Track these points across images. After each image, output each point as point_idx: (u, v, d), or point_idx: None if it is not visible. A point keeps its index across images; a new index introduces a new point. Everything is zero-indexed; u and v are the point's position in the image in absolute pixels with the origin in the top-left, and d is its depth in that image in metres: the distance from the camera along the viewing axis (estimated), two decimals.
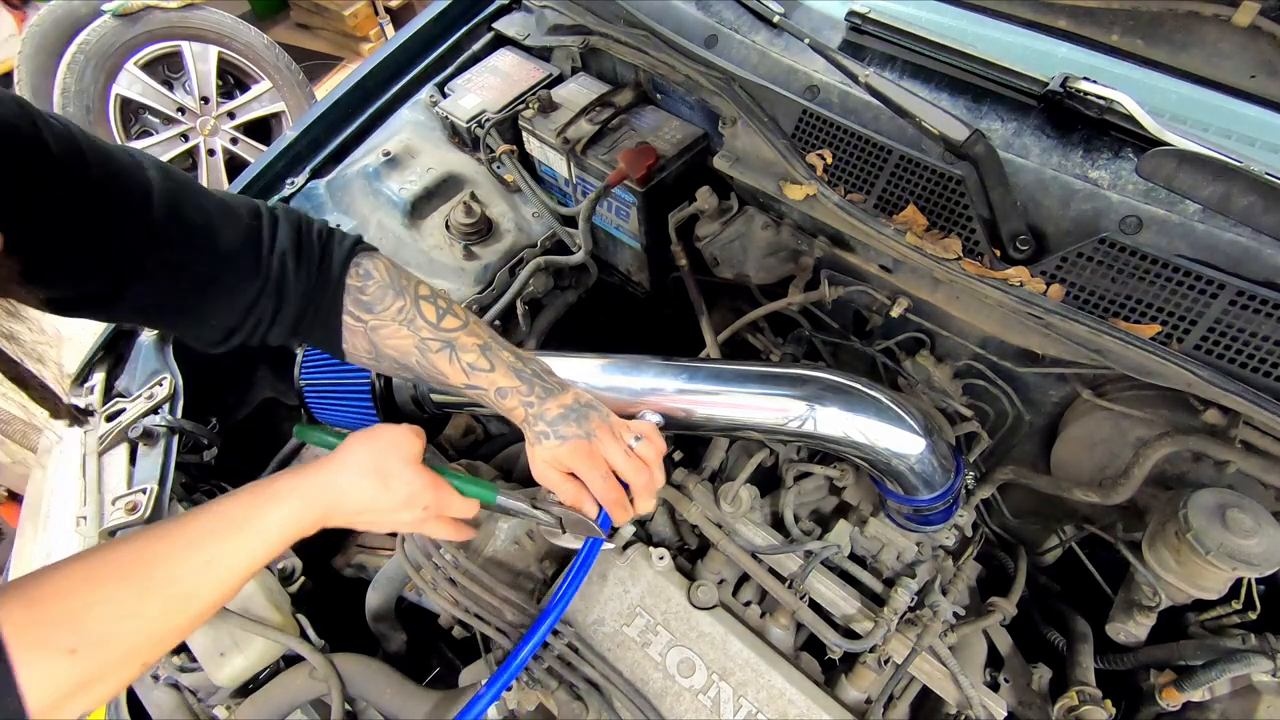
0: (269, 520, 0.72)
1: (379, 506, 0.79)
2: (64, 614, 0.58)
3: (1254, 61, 0.90)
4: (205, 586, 0.66)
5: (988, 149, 0.92)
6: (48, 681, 0.55)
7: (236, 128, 3.44)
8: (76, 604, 0.59)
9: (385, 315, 0.86)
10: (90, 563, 0.62)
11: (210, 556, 0.67)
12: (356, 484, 0.78)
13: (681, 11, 1.26)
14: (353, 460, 0.79)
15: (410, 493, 0.80)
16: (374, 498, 0.79)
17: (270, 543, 0.71)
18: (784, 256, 1.29)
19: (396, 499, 0.80)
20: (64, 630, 0.57)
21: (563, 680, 0.97)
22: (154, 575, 0.64)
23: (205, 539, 0.68)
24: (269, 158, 1.53)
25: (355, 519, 0.80)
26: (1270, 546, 0.90)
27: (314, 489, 0.76)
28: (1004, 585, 1.15)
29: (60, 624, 0.57)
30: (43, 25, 3.04)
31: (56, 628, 0.57)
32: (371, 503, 0.79)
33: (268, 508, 0.72)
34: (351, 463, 0.79)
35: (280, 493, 0.74)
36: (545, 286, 1.45)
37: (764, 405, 0.94)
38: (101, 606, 0.60)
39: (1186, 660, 1.05)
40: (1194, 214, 0.89)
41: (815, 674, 1.01)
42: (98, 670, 0.59)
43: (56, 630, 0.57)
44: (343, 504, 0.77)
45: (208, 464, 1.35)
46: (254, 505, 0.72)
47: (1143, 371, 0.90)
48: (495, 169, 1.53)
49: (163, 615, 0.64)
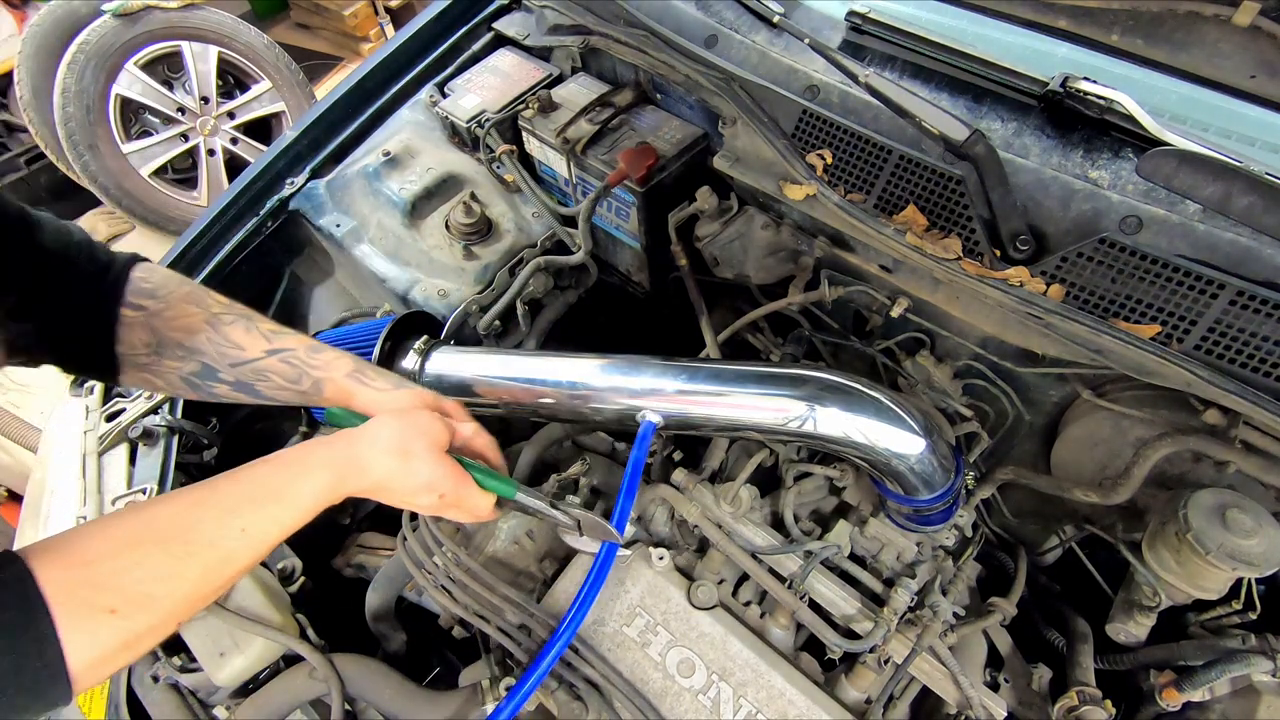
0: (302, 491, 0.73)
1: (398, 486, 0.80)
2: (106, 575, 0.60)
3: (1254, 61, 0.90)
4: (241, 551, 0.68)
5: (988, 149, 0.92)
6: (90, 641, 0.57)
7: (236, 128, 3.44)
8: (119, 566, 0.61)
9: (171, 298, 0.85)
10: (131, 525, 0.64)
11: (247, 523, 0.68)
12: (381, 460, 0.78)
13: (681, 11, 1.26)
14: (381, 435, 0.80)
15: (430, 478, 0.80)
16: (394, 476, 0.79)
17: (302, 512, 0.73)
18: (784, 256, 1.29)
19: (416, 481, 0.80)
20: (107, 592, 0.59)
21: (563, 680, 0.96)
22: (193, 540, 0.65)
23: (242, 506, 0.69)
24: (269, 158, 1.53)
25: (374, 492, 0.80)
26: (1270, 546, 0.90)
27: (342, 461, 0.77)
28: (1004, 585, 1.15)
29: (103, 586, 0.59)
30: (43, 25, 3.04)
31: (100, 589, 0.59)
32: (390, 480, 0.79)
33: (301, 479, 0.74)
34: (379, 438, 0.79)
35: (313, 464, 0.75)
36: (545, 286, 1.45)
37: (764, 405, 0.94)
38: (142, 569, 0.62)
39: (1187, 660, 1.05)
40: (1194, 214, 0.89)
41: (815, 674, 1.01)
42: (138, 629, 0.61)
43: (100, 592, 0.59)
44: (364, 477, 0.78)
45: (208, 464, 1.35)
46: (290, 475, 0.74)
47: (1143, 371, 0.90)
48: (495, 169, 1.53)
49: (201, 579, 0.65)
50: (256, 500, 0.70)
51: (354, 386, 0.88)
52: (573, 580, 1.04)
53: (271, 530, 0.71)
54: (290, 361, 0.87)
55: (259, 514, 0.70)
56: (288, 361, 0.87)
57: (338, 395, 0.89)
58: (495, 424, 1.49)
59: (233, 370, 0.87)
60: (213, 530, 0.67)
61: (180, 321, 0.85)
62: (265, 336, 0.87)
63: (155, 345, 0.85)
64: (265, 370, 0.88)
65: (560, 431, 1.33)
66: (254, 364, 0.87)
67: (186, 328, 0.85)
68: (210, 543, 0.66)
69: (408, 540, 1.09)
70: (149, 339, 0.85)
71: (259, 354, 0.86)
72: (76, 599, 0.57)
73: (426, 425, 0.82)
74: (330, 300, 1.60)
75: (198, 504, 0.68)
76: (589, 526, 0.89)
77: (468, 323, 1.36)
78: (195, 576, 0.65)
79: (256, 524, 0.69)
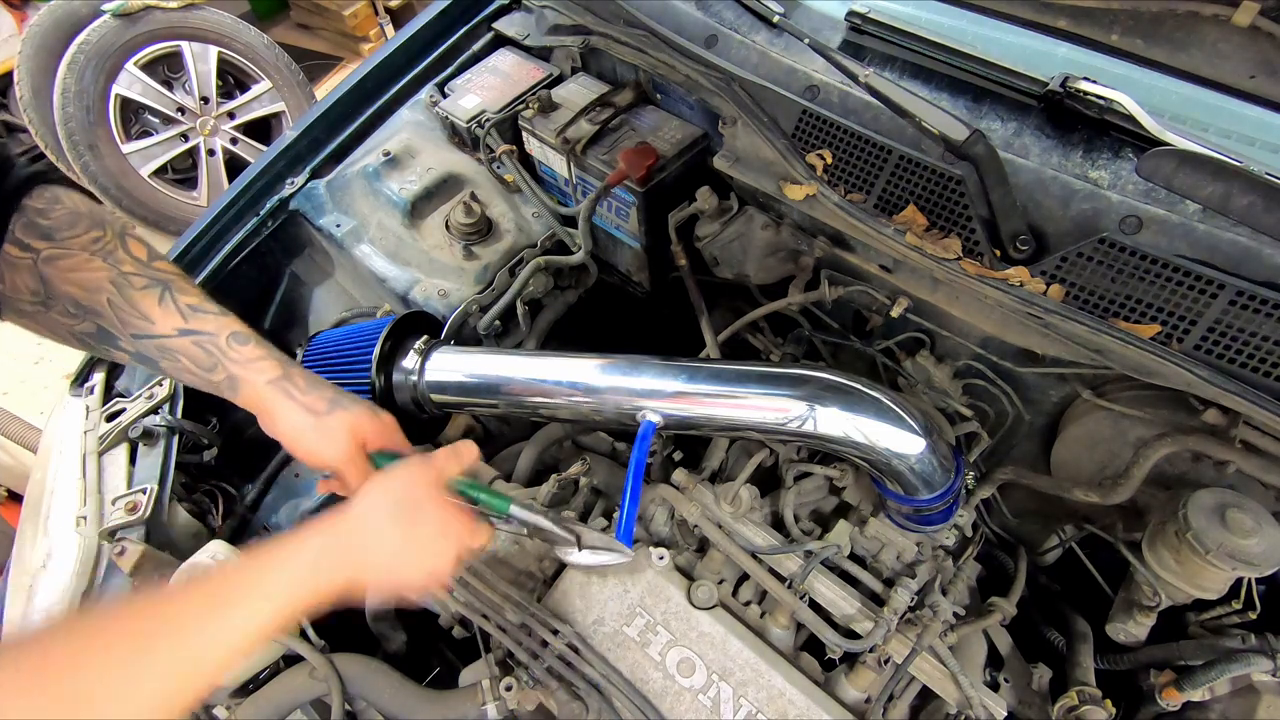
0: (273, 588, 0.64)
1: (408, 550, 0.71)
2: (64, 693, 0.54)
3: (1254, 61, 0.90)
4: (207, 662, 0.61)
5: (988, 149, 0.92)
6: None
7: (236, 128, 3.44)
8: (77, 682, 0.54)
9: (72, 244, 0.72)
10: (88, 636, 0.57)
11: (213, 633, 0.61)
12: (380, 530, 0.69)
13: (681, 11, 1.26)
14: (372, 504, 0.71)
15: (441, 524, 0.73)
16: (402, 541, 0.70)
17: (281, 611, 0.64)
18: (784, 256, 1.29)
19: (429, 532, 0.72)
20: (66, 706, 0.54)
21: (563, 680, 0.96)
22: (154, 653, 0.58)
23: (206, 613, 0.61)
24: (269, 158, 1.53)
25: (382, 571, 0.71)
26: (1270, 546, 0.90)
27: (330, 544, 0.67)
28: (1004, 585, 1.15)
29: (61, 701, 0.54)
30: (43, 25, 3.04)
31: (58, 703, 0.54)
32: (399, 547, 0.70)
33: (272, 574, 0.64)
34: (371, 505, 0.70)
35: (288, 556, 0.66)
36: (545, 286, 1.45)
37: (764, 405, 0.94)
38: (100, 686, 0.55)
39: (1186, 660, 1.05)
40: (1194, 214, 0.89)
41: (815, 674, 1.01)
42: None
43: (58, 705, 0.54)
44: (367, 557, 0.69)
45: (207, 464, 1.35)
46: (260, 571, 0.65)
47: (1143, 371, 0.90)
48: (495, 169, 1.53)
49: (163, 695, 0.58)
50: (223, 604, 0.62)
51: (275, 398, 0.77)
52: (573, 580, 1.04)
53: (242, 637, 0.62)
54: (205, 347, 0.76)
55: (224, 621, 0.61)
56: (202, 346, 0.76)
57: (254, 401, 0.78)
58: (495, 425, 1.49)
59: (134, 341, 0.76)
60: (174, 645, 0.59)
61: (78, 275, 0.72)
62: (181, 312, 0.75)
63: (43, 296, 0.73)
64: (173, 350, 0.76)
65: (560, 431, 1.33)
66: (160, 340, 0.76)
67: (85, 284, 0.72)
68: (172, 659, 0.59)
69: None
70: (35, 286, 0.72)
71: (169, 331, 0.75)
72: (31, 710, 0.52)
73: (411, 476, 0.73)
74: (330, 300, 1.60)
75: (155, 617, 0.60)
76: (591, 541, 0.85)
77: (468, 323, 1.36)
78: (154, 693, 0.58)
79: (222, 633, 0.61)
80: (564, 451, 1.36)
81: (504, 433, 1.49)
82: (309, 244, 1.60)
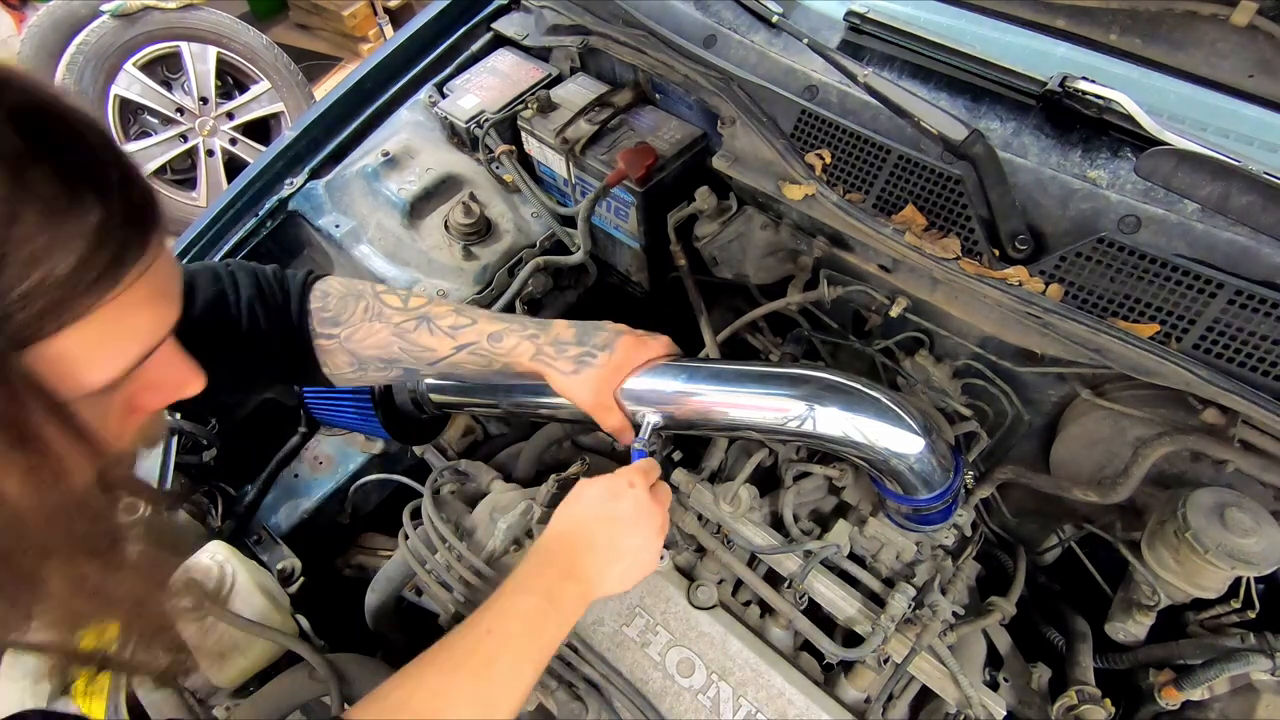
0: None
1: (618, 551, 0.82)
2: None
3: (1252, 61, 0.91)
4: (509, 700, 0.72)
5: (986, 149, 0.92)
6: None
7: (235, 128, 3.43)
8: None
9: (353, 320, 0.88)
10: None
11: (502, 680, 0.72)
12: (591, 541, 0.81)
13: (680, 11, 1.26)
14: (573, 518, 0.83)
15: (635, 512, 0.83)
16: (609, 543, 0.82)
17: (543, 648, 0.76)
18: (783, 256, 1.29)
19: (629, 526, 0.83)
20: None
21: (562, 680, 0.97)
22: None
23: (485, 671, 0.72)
24: (268, 158, 1.53)
25: (605, 577, 0.82)
26: (1269, 545, 0.91)
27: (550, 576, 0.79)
28: (1003, 585, 1.15)
29: None
30: (42, 26, 3.03)
31: None
32: (610, 553, 0.82)
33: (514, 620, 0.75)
34: (574, 520, 0.83)
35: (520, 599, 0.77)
36: (544, 287, 1.45)
37: (763, 405, 0.94)
38: None
39: (1186, 659, 1.05)
40: (1192, 213, 0.89)
41: (815, 673, 1.01)
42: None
43: None
44: (588, 570, 0.80)
45: (207, 464, 1.35)
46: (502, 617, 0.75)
47: (1141, 371, 0.90)
48: (494, 169, 1.53)
49: None
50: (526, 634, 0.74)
51: (539, 370, 0.90)
52: None
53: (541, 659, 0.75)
54: (477, 354, 0.90)
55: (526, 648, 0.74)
56: (475, 354, 0.90)
57: (530, 377, 0.92)
58: (495, 425, 1.49)
59: (431, 368, 0.91)
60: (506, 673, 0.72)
61: (370, 340, 0.88)
62: (448, 334, 0.89)
63: (357, 365, 0.90)
64: (458, 364, 0.91)
65: (560, 431, 1.33)
66: (447, 360, 0.90)
67: (377, 344, 0.88)
68: None
69: (409, 538, 1.09)
70: (350, 360, 0.89)
71: (448, 352, 0.89)
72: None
73: (602, 489, 0.84)
74: None
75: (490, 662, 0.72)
76: None
77: None
78: None
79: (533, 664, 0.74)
80: (564, 451, 1.36)
81: (504, 433, 1.49)
82: (308, 244, 1.60)
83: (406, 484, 1.33)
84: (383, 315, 0.88)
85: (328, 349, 0.88)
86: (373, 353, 0.88)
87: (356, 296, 0.90)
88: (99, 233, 0.46)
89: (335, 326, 0.88)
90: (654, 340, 0.96)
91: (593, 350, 0.91)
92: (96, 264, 0.46)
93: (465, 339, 0.89)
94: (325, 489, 1.38)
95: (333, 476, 1.39)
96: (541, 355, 0.90)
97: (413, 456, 1.44)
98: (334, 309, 0.88)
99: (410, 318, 0.89)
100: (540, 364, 0.90)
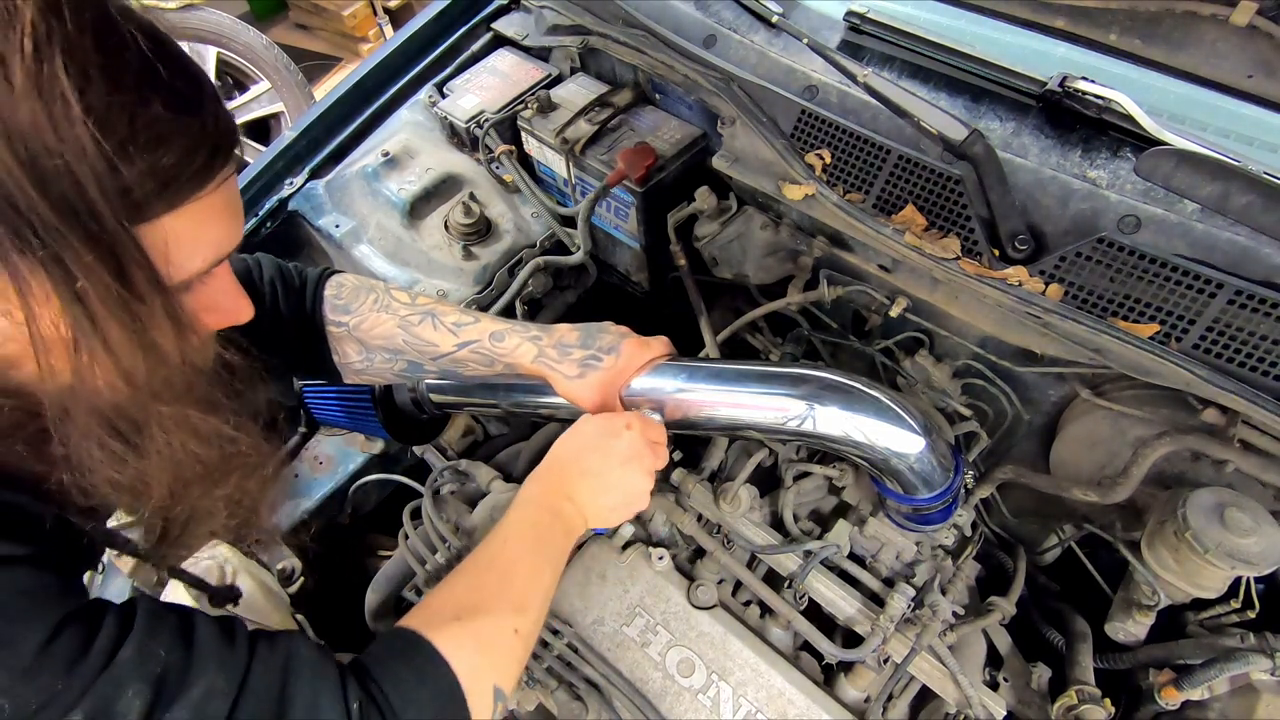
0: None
1: (607, 479, 0.86)
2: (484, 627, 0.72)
3: (1252, 61, 0.91)
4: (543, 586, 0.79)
5: (986, 149, 0.92)
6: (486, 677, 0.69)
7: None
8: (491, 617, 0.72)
9: (362, 309, 0.92)
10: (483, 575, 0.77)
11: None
12: (583, 468, 0.86)
13: (680, 11, 1.26)
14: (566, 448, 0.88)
15: (629, 450, 0.86)
16: (598, 473, 0.86)
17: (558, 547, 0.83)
18: (783, 256, 1.29)
19: (620, 460, 0.86)
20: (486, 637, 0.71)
21: (562, 680, 0.97)
22: None
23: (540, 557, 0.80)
24: (268, 158, 1.53)
25: (595, 506, 0.87)
26: (1269, 545, 0.91)
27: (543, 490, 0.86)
28: (1003, 585, 1.15)
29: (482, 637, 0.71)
30: None
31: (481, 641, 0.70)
32: (599, 481, 0.86)
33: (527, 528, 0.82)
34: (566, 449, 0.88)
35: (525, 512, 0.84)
36: (544, 287, 1.45)
37: (763, 404, 0.94)
38: None
39: (1185, 659, 1.05)
40: (1192, 213, 0.89)
41: (815, 673, 1.01)
42: None
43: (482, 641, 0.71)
44: (578, 494, 0.85)
45: None
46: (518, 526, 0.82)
47: (1141, 371, 0.90)
48: (494, 169, 1.53)
49: None
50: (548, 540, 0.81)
51: (541, 372, 0.93)
52: (573, 580, 1.04)
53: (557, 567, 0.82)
54: (479, 352, 0.92)
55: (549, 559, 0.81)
56: (477, 352, 0.92)
57: (532, 377, 0.95)
58: (495, 425, 1.49)
59: (434, 363, 0.94)
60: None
61: (377, 330, 0.92)
62: (452, 330, 0.92)
63: (365, 353, 0.94)
64: (461, 360, 0.93)
65: (560, 431, 1.33)
66: (450, 356, 0.93)
67: (384, 335, 0.92)
68: None
69: (410, 538, 1.09)
70: (358, 349, 0.94)
71: (451, 348, 0.92)
72: (472, 662, 0.67)
73: (599, 423, 0.89)
74: None
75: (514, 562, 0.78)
76: None
77: None
78: None
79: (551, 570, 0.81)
80: None
81: (503, 433, 1.49)
82: (308, 244, 1.60)
83: (406, 484, 1.33)
84: (390, 308, 0.92)
85: (337, 335, 0.93)
86: (379, 342, 0.92)
87: (368, 290, 0.94)
88: (202, 132, 0.53)
89: (346, 314, 0.92)
90: (654, 341, 0.98)
91: (598, 354, 0.93)
92: (197, 159, 0.52)
93: (468, 336, 0.91)
94: (325, 489, 1.38)
95: (333, 476, 1.39)
96: (544, 358, 0.91)
97: (413, 456, 1.44)
98: (346, 298, 0.93)
99: (416, 312, 0.92)
100: (543, 367, 0.92)
